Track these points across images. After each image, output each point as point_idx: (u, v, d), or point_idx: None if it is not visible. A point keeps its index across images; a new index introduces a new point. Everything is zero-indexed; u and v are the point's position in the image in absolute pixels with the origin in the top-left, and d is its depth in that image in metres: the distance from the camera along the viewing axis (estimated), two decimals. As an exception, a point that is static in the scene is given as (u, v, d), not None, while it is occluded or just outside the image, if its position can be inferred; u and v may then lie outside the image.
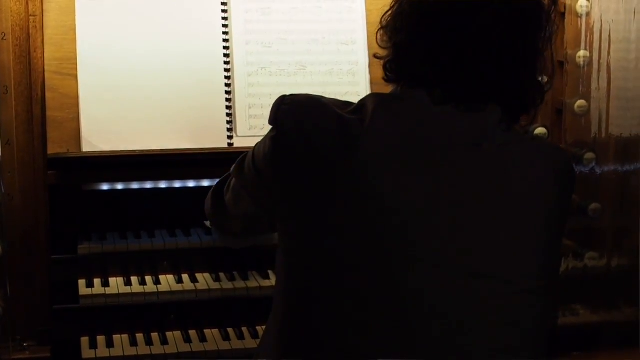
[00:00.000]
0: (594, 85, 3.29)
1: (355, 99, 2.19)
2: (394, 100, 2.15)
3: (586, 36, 3.27)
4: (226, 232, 2.88)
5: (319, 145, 2.08)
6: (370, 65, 3.22)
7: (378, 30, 2.23)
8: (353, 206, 2.04)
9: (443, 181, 2.06)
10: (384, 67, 2.20)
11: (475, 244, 2.06)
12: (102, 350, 3.01)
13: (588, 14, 3.26)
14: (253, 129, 3.15)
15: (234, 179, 2.49)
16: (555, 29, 2.22)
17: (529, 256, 2.11)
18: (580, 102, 3.28)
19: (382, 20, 2.21)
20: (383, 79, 2.21)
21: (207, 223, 3.01)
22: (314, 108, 2.13)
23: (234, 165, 2.46)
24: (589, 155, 3.28)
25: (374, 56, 2.28)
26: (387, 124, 2.08)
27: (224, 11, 3.19)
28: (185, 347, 3.04)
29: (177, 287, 3.07)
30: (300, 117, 2.13)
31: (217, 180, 2.70)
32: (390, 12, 2.20)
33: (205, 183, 3.09)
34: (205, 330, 3.12)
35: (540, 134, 3.23)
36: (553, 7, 2.20)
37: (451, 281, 2.05)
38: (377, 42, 2.23)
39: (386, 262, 2.04)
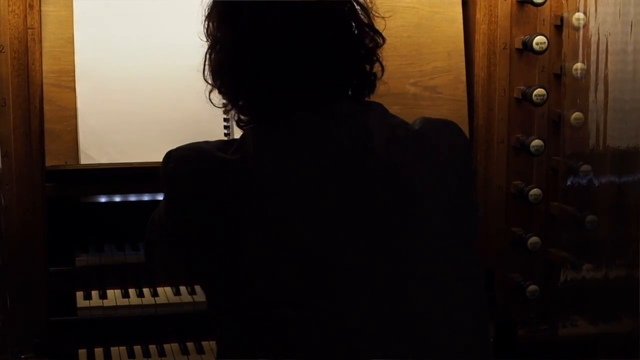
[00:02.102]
0: (591, 97, 3.29)
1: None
2: (271, 129, 2.15)
3: (583, 48, 3.27)
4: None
5: (209, 193, 2.09)
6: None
7: (211, 91, 2.31)
8: (263, 246, 2.05)
9: (344, 193, 2.07)
10: (238, 118, 2.25)
11: (396, 246, 2.07)
12: (100, 363, 3.02)
13: (585, 27, 3.27)
14: (250, 141, 3.15)
15: (150, 245, 2.42)
16: None
17: (451, 244, 2.13)
18: (577, 114, 3.29)
19: (205, 79, 2.29)
20: (241, 127, 2.25)
21: None
22: (197, 160, 2.14)
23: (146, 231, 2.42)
24: (586, 167, 3.28)
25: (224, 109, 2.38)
26: (272, 154, 2.09)
27: (221, 24, 3.20)
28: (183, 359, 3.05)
29: (175, 299, 3.08)
30: (186, 172, 2.14)
31: None
32: (206, 68, 2.28)
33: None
34: (202, 342, 3.13)
35: (536, 146, 3.24)
36: None
37: (384, 293, 2.05)
38: (215, 106, 2.34)
39: (312, 294, 2.04)
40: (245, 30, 2.15)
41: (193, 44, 3.14)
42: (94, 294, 3.11)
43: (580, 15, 3.26)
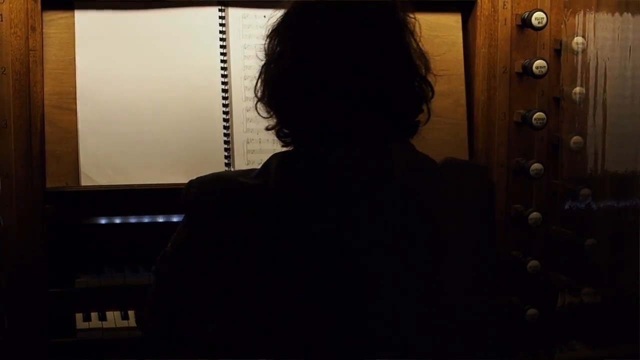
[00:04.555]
0: (589, 122, 3.30)
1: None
2: (296, 157, 2.18)
3: (582, 73, 3.29)
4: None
5: (230, 216, 2.10)
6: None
7: (256, 104, 2.29)
8: (277, 272, 2.06)
9: (361, 223, 2.08)
10: (278, 136, 2.26)
11: (412, 275, 2.10)
12: (99, 385, 3.02)
13: (584, 51, 3.28)
14: (251, 164, 3.16)
15: (162, 279, 2.34)
16: (413, 23, 2.27)
17: (463, 277, 2.16)
18: (576, 138, 3.30)
19: (256, 92, 2.28)
20: (282, 146, 2.26)
21: None
22: (218, 184, 2.17)
23: (156, 267, 2.36)
24: (585, 191, 3.29)
25: (265, 129, 2.32)
26: (293, 181, 2.11)
27: (222, 47, 3.21)
28: (182, 381, 3.04)
29: (174, 321, 3.07)
30: (207, 196, 2.16)
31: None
32: (259, 82, 2.27)
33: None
34: (202, 365, 3.12)
35: (536, 169, 3.25)
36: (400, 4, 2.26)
37: (398, 322, 2.09)
38: (260, 115, 2.30)
39: (324, 320, 2.07)
40: (308, 51, 2.15)
41: (194, 67, 3.18)
42: (94, 315, 3.11)
43: (579, 39, 3.27)
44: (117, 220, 3.14)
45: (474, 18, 3.33)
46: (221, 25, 3.21)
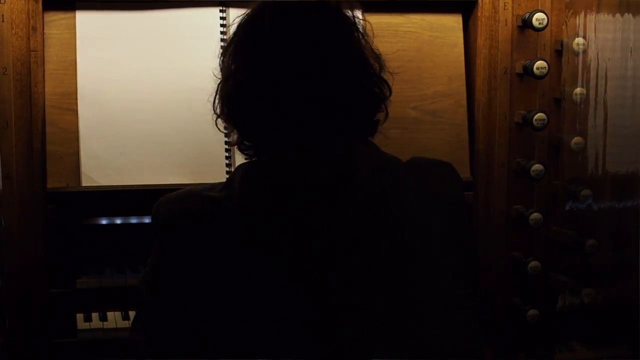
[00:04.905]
0: (590, 122, 3.30)
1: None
2: (258, 167, 2.21)
3: (583, 74, 3.29)
4: None
5: (198, 231, 2.12)
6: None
7: (215, 120, 2.36)
8: (247, 283, 2.07)
9: (329, 230, 2.09)
10: (240, 150, 2.32)
11: (383, 277, 2.09)
12: (100, 385, 3.02)
13: (585, 52, 3.28)
14: (252, 165, 3.16)
15: (145, 300, 2.32)
16: (364, 26, 2.33)
17: (435, 274, 2.15)
18: (577, 139, 3.30)
19: (214, 109, 2.35)
20: (245, 159, 2.31)
21: None
22: (184, 200, 2.19)
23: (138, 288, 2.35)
24: (586, 191, 3.29)
25: (228, 144, 2.39)
26: (255, 192, 2.12)
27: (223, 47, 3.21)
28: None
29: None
30: (175, 213, 2.18)
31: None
32: (216, 99, 2.33)
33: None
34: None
35: (536, 170, 3.25)
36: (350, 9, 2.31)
37: (375, 326, 2.07)
38: (220, 131, 2.42)
39: (293, 332, 2.06)
40: (258, 64, 2.20)
41: (195, 68, 3.18)
42: (95, 316, 3.12)
43: (580, 40, 3.28)
44: (118, 221, 3.14)
45: (475, 19, 3.33)
46: (222, 26, 3.21)
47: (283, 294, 2.05)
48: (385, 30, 3.30)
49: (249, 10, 2.33)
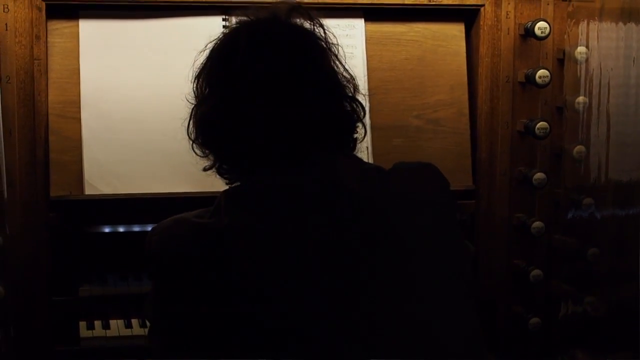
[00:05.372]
0: (593, 131, 3.31)
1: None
2: (241, 191, 2.23)
3: (585, 82, 3.29)
4: None
5: (189, 257, 2.13)
6: (370, 111, 3.24)
7: (192, 145, 2.38)
8: (239, 304, 2.08)
9: (315, 245, 2.10)
10: (219, 174, 2.35)
11: (372, 282, 2.10)
12: (103, 393, 3.03)
13: (587, 61, 3.29)
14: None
15: (151, 324, 2.39)
16: (336, 47, 2.35)
17: (427, 274, 2.16)
18: (579, 148, 3.30)
19: (189, 134, 2.37)
20: (226, 183, 2.33)
21: None
22: (176, 228, 2.20)
23: (144, 312, 2.42)
24: (588, 200, 3.30)
25: (203, 169, 2.42)
26: (243, 216, 2.13)
27: (226, 56, 3.22)
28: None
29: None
30: (167, 240, 2.20)
31: None
32: (190, 124, 2.37)
33: (206, 226, 3.10)
34: (205, 373, 3.13)
35: (538, 179, 3.25)
36: (323, 29, 2.34)
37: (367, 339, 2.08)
38: (197, 155, 2.40)
39: (287, 346, 2.06)
40: (233, 87, 2.22)
41: (198, 76, 3.18)
42: (97, 324, 3.12)
43: (582, 49, 3.28)
44: (121, 229, 3.15)
45: (477, 27, 3.34)
46: (225, 34, 3.22)
47: (280, 310, 2.06)
48: (388, 39, 3.31)
49: (221, 35, 2.36)
